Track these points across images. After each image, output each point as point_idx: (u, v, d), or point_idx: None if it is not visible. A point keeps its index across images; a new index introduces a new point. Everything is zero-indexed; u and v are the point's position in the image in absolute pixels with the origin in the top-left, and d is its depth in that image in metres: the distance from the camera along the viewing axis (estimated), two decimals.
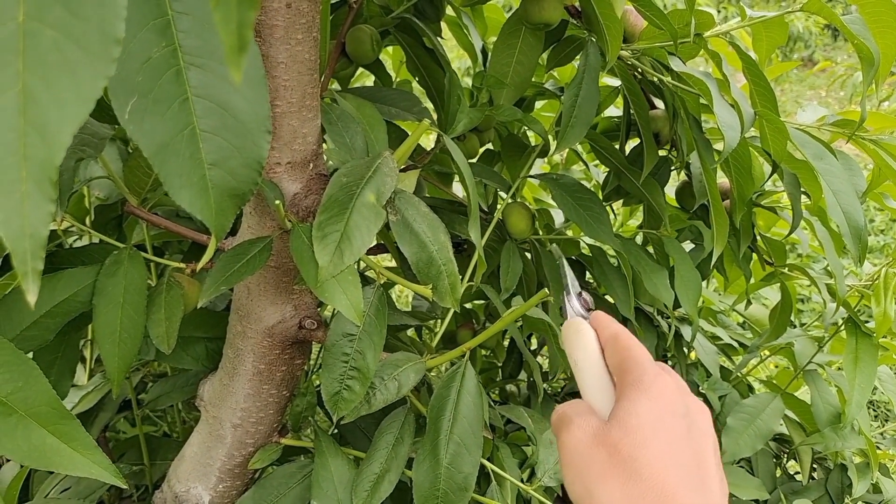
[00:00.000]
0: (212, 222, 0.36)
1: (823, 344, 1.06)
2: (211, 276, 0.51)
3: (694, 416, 0.41)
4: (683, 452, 0.38)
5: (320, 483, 0.62)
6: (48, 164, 0.22)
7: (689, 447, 0.39)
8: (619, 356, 0.43)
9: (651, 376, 0.41)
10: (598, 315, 0.48)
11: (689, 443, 0.39)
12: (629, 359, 0.43)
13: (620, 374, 0.43)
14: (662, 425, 0.39)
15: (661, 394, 0.40)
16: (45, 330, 0.56)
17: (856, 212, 0.69)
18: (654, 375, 0.41)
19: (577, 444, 0.40)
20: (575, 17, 0.72)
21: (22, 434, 0.44)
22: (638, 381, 0.41)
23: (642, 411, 0.39)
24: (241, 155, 0.36)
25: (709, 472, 0.38)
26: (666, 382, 0.41)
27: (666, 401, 0.40)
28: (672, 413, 0.40)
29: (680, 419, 0.40)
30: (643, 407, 0.40)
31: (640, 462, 0.37)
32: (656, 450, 0.38)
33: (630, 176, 0.80)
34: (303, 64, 0.49)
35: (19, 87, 0.22)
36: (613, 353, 0.44)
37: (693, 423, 0.40)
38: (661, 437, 0.38)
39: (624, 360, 0.43)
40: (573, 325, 0.47)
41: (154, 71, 0.33)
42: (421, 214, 0.56)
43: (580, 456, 0.40)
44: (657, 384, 0.41)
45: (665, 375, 0.42)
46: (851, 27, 0.66)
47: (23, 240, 0.22)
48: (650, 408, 0.39)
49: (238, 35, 0.17)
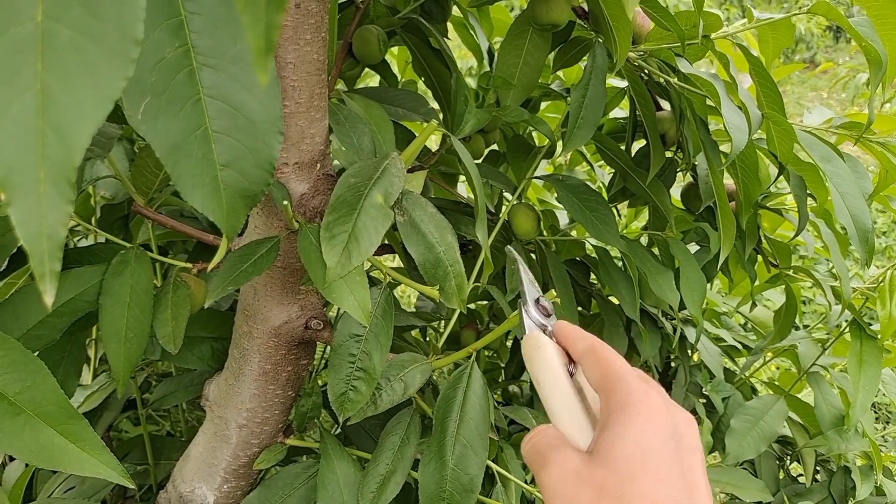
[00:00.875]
0: (223, 223, 0.35)
1: (828, 346, 1.06)
2: (218, 277, 0.51)
3: (682, 433, 0.39)
4: (673, 479, 0.37)
5: (325, 484, 0.61)
6: (66, 164, 0.22)
7: (678, 472, 0.37)
8: (600, 371, 0.40)
9: (638, 395, 0.39)
10: (563, 326, 0.44)
11: (678, 466, 0.37)
12: (612, 374, 0.40)
13: (604, 394, 0.40)
14: (652, 454, 0.37)
15: (650, 415, 0.38)
16: (52, 329, 0.56)
17: (863, 214, 0.69)
18: (642, 394, 0.39)
19: (559, 485, 0.38)
20: (582, 17, 0.72)
21: (30, 433, 0.44)
22: (625, 403, 0.38)
23: (629, 441, 0.37)
24: (253, 155, 0.35)
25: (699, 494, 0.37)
26: (653, 400, 0.39)
27: (655, 423, 0.38)
28: (660, 435, 0.38)
29: (668, 441, 0.38)
30: (631, 435, 0.37)
31: (627, 498, 0.36)
32: (645, 484, 0.36)
33: (636, 177, 0.80)
34: (311, 64, 0.49)
35: (38, 87, 0.22)
36: (593, 367, 0.41)
37: (681, 442, 0.38)
38: (650, 469, 0.36)
39: (606, 375, 0.40)
40: (532, 339, 0.44)
41: (167, 71, 0.33)
42: (428, 215, 0.56)
43: (564, 498, 0.38)
44: (645, 404, 0.38)
45: (652, 392, 0.39)
46: (859, 29, 0.66)
47: (41, 240, 0.22)
48: (638, 434, 0.37)
49: (266, 37, 0.17)
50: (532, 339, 0.44)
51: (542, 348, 0.43)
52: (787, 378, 1.21)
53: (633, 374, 0.40)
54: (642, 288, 0.87)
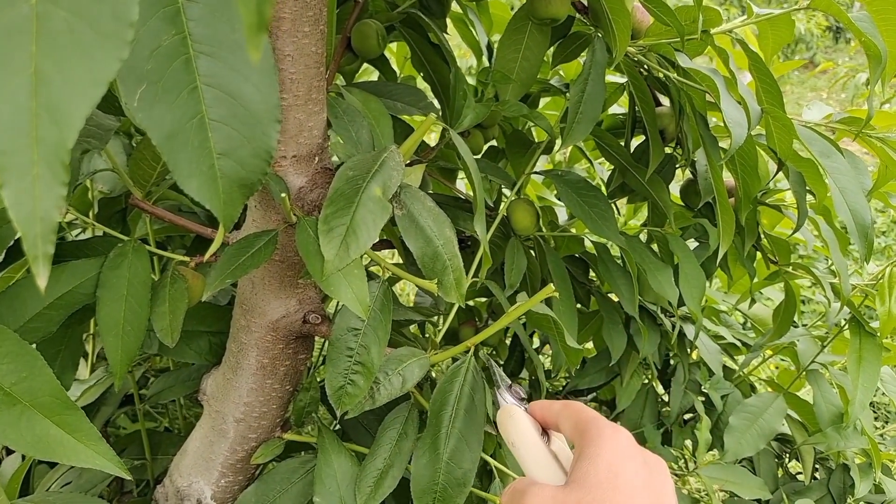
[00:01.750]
0: (220, 212, 0.35)
1: (827, 343, 1.05)
2: (216, 270, 0.51)
3: (652, 465, 0.41)
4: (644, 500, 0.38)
5: (323, 479, 0.61)
6: (60, 146, 0.22)
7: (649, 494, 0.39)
8: (575, 418, 0.44)
9: (610, 431, 0.42)
10: (537, 402, 0.49)
11: (650, 492, 0.39)
12: (585, 419, 0.43)
13: (577, 434, 0.43)
14: (623, 477, 0.39)
15: (621, 446, 0.41)
16: (49, 322, 0.56)
17: (862, 210, 0.69)
18: (613, 430, 0.42)
19: None
20: (581, 12, 0.72)
21: (26, 424, 0.44)
22: (597, 437, 0.41)
23: (601, 468, 0.39)
24: (251, 145, 0.35)
25: None
26: (623, 436, 0.42)
27: (626, 452, 0.40)
28: (632, 462, 0.40)
29: (641, 467, 0.40)
30: (602, 462, 0.40)
31: None
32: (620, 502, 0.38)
33: (635, 173, 0.80)
34: (309, 57, 0.49)
35: (32, 69, 0.22)
36: (568, 418, 0.45)
37: (652, 471, 0.41)
38: (622, 490, 0.38)
39: (580, 420, 0.43)
40: (506, 410, 0.49)
41: (164, 59, 0.32)
42: (427, 209, 0.55)
43: None
44: (615, 438, 0.41)
45: (623, 431, 0.42)
46: (859, 25, 0.65)
47: (34, 223, 0.21)
48: (609, 461, 0.40)
49: (258, 13, 0.17)
50: (506, 410, 0.49)
51: (515, 417, 0.48)
52: (786, 376, 1.21)
53: (605, 420, 0.44)
54: (641, 284, 0.86)
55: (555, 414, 0.46)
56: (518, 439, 0.46)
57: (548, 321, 0.67)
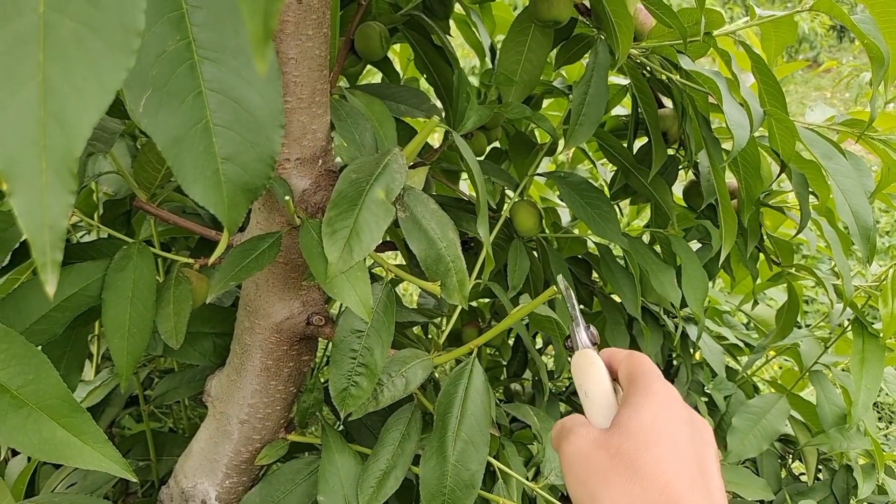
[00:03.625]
0: (224, 216, 0.36)
1: (830, 345, 1.05)
2: (220, 272, 0.51)
3: (697, 425, 0.41)
4: (686, 456, 0.39)
5: (327, 479, 0.62)
6: (68, 154, 0.22)
7: (692, 452, 0.39)
8: (632, 368, 0.44)
9: (658, 385, 0.42)
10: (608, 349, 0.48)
11: (692, 448, 0.39)
12: (642, 372, 0.43)
13: (629, 382, 0.43)
14: (666, 429, 0.39)
15: (668, 401, 0.41)
16: (55, 324, 0.56)
17: (865, 212, 0.69)
18: (663, 386, 0.42)
19: (578, 451, 0.41)
20: (584, 14, 0.72)
21: (33, 427, 0.44)
22: (645, 387, 0.42)
23: (645, 416, 0.40)
24: (255, 149, 0.36)
25: (712, 477, 0.39)
26: (673, 394, 0.42)
27: (671, 408, 0.41)
28: (676, 419, 0.40)
29: (684, 425, 0.40)
30: (647, 412, 0.40)
31: (641, 463, 0.38)
32: (658, 452, 0.38)
33: (638, 175, 0.80)
34: (313, 60, 0.49)
35: (40, 77, 0.22)
36: (626, 366, 0.45)
37: (696, 432, 0.41)
38: (664, 441, 0.39)
39: (635, 371, 0.44)
40: (586, 356, 0.48)
41: (168, 64, 0.33)
42: (430, 211, 0.56)
43: (581, 461, 0.40)
44: (663, 393, 0.41)
45: (673, 389, 0.43)
46: (862, 27, 0.66)
47: (43, 231, 0.22)
48: (655, 413, 0.40)
49: (264, 24, 0.17)
50: (586, 356, 0.48)
51: (594, 365, 0.47)
52: (789, 377, 1.21)
53: (659, 374, 0.43)
54: (644, 285, 0.87)
55: (619, 360, 0.46)
56: (592, 388, 0.46)
57: (550, 323, 0.67)
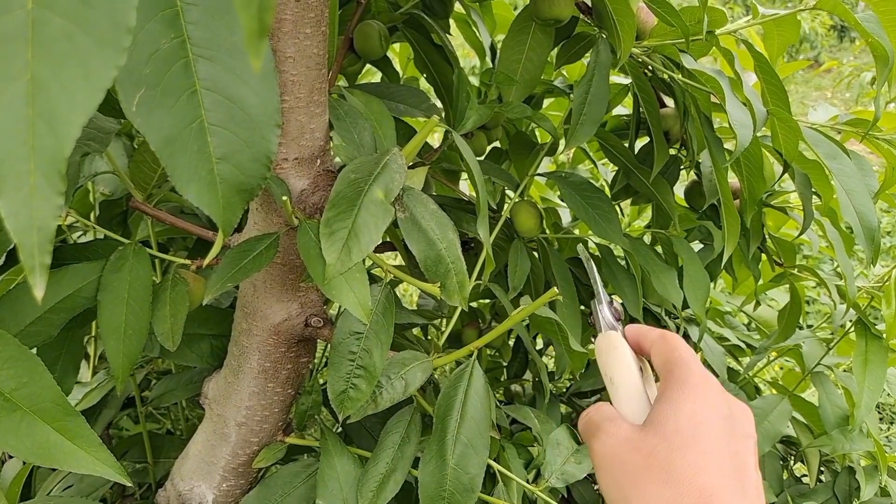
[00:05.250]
0: (219, 217, 0.35)
1: (832, 346, 1.05)
2: (217, 273, 0.51)
3: (737, 417, 0.40)
4: (723, 456, 0.37)
5: (326, 482, 0.61)
6: (57, 155, 0.21)
7: (728, 451, 0.38)
8: (666, 355, 0.42)
9: (698, 377, 0.40)
10: (635, 326, 0.46)
11: (729, 446, 0.38)
12: (677, 358, 0.41)
13: (665, 372, 0.41)
14: (704, 429, 0.38)
15: (706, 395, 0.39)
16: (50, 326, 0.56)
17: (869, 212, 0.68)
18: (702, 376, 0.40)
19: (610, 451, 0.39)
20: (585, 13, 0.71)
21: (26, 430, 0.43)
22: (683, 380, 0.40)
23: (682, 415, 0.38)
24: (250, 149, 0.35)
25: (748, 476, 0.38)
26: (712, 383, 0.40)
27: (710, 403, 0.39)
28: (715, 415, 0.39)
29: (722, 421, 0.39)
30: (684, 410, 0.38)
31: (676, 466, 0.37)
32: (694, 455, 0.37)
33: (639, 175, 0.79)
34: (311, 59, 0.49)
35: (28, 76, 0.22)
36: (661, 351, 0.43)
37: (735, 424, 0.39)
38: (700, 443, 0.37)
39: (671, 359, 0.41)
40: (609, 339, 0.46)
41: (162, 63, 0.32)
42: (429, 212, 0.55)
43: (614, 462, 0.39)
44: (702, 385, 0.39)
45: (711, 378, 0.41)
46: (866, 25, 0.65)
47: (31, 233, 0.21)
48: (692, 410, 0.38)
49: (259, 19, 0.16)
50: (609, 338, 0.46)
51: (618, 349, 0.45)
52: (790, 378, 1.20)
53: (697, 361, 0.42)
54: (645, 286, 0.86)
55: (650, 342, 0.44)
56: (617, 376, 0.44)
57: (551, 324, 0.67)
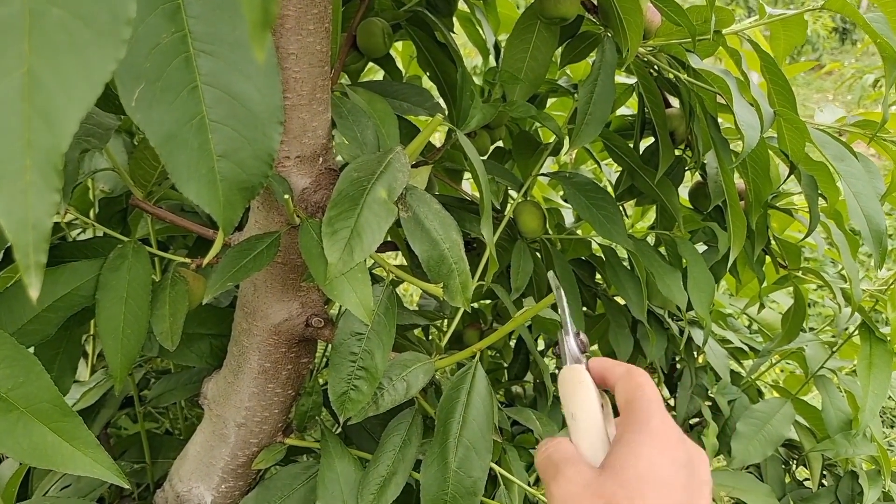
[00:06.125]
0: (220, 216, 0.34)
1: (836, 349, 1.04)
2: (217, 272, 0.50)
3: (696, 465, 0.39)
4: None
5: (326, 484, 0.60)
6: (53, 151, 0.21)
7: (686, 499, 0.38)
8: (631, 393, 0.42)
9: (658, 421, 0.40)
10: (600, 359, 0.46)
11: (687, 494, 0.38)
12: (640, 398, 0.41)
13: (627, 411, 0.41)
14: (664, 477, 0.38)
15: (666, 442, 0.39)
16: (47, 324, 0.55)
17: (877, 215, 0.68)
18: (662, 421, 0.40)
19: (569, 496, 0.39)
20: (591, 11, 0.70)
21: (22, 431, 0.43)
22: (644, 423, 0.39)
23: (642, 461, 0.38)
24: (252, 146, 0.34)
25: None
26: (672, 429, 0.40)
27: (670, 449, 0.39)
28: (675, 462, 0.38)
29: (682, 468, 0.39)
30: (644, 456, 0.38)
31: None
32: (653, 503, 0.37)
33: (644, 175, 0.79)
34: (314, 56, 0.48)
35: (24, 69, 0.21)
36: (625, 388, 0.42)
37: (693, 472, 0.39)
38: (660, 491, 0.37)
39: (634, 398, 0.41)
40: (574, 373, 0.45)
41: (162, 57, 0.31)
42: (433, 212, 0.54)
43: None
44: (662, 431, 0.39)
45: (671, 421, 0.40)
46: (874, 26, 0.64)
47: (26, 232, 0.20)
48: (651, 457, 0.38)
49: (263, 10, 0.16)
50: (574, 372, 0.45)
51: (582, 385, 0.44)
52: (791, 381, 1.20)
53: (659, 402, 0.41)
54: (649, 288, 0.85)
55: (615, 377, 0.43)
56: (579, 412, 0.43)
57: (555, 326, 0.66)
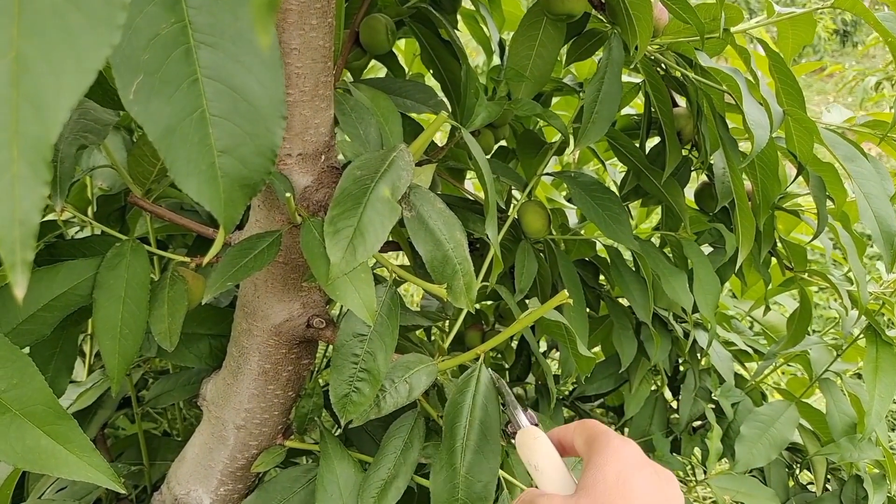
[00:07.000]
0: (220, 213, 0.33)
1: (842, 352, 1.03)
2: (217, 272, 0.49)
3: (663, 476, 0.41)
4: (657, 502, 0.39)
5: (325, 487, 0.59)
6: (42, 141, 0.20)
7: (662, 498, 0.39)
8: (588, 432, 0.44)
9: (617, 441, 0.42)
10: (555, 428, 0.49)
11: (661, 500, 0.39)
12: (597, 432, 0.43)
13: (587, 447, 0.43)
14: (634, 484, 0.39)
15: (629, 456, 0.41)
16: (43, 324, 0.54)
17: (889, 216, 0.67)
18: (621, 441, 0.42)
19: None
20: (598, 8, 0.69)
21: (15, 434, 0.41)
22: (605, 445, 0.42)
23: (610, 477, 0.39)
24: (254, 142, 0.33)
25: None
26: (633, 448, 0.42)
27: (633, 461, 0.40)
28: (641, 472, 0.40)
29: (651, 475, 0.40)
30: (611, 470, 0.40)
31: None
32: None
33: (650, 175, 0.78)
34: (316, 51, 0.47)
35: (13, 54, 0.20)
36: (581, 431, 0.45)
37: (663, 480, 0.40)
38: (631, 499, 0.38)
39: (591, 434, 0.44)
40: (530, 432, 0.48)
41: (162, 49, 0.30)
42: (437, 211, 0.53)
43: None
44: (623, 448, 0.41)
45: (632, 442, 0.43)
46: (886, 24, 0.63)
47: (12, 227, 0.19)
48: (618, 471, 0.40)
49: None
50: (530, 431, 0.49)
51: (540, 439, 0.48)
52: (795, 384, 1.19)
53: (614, 433, 0.44)
54: (654, 290, 0.84)
55: (570, 431, 0.46)
56: (541, 462, 0.46)
57: (559, 328, 0.65)
